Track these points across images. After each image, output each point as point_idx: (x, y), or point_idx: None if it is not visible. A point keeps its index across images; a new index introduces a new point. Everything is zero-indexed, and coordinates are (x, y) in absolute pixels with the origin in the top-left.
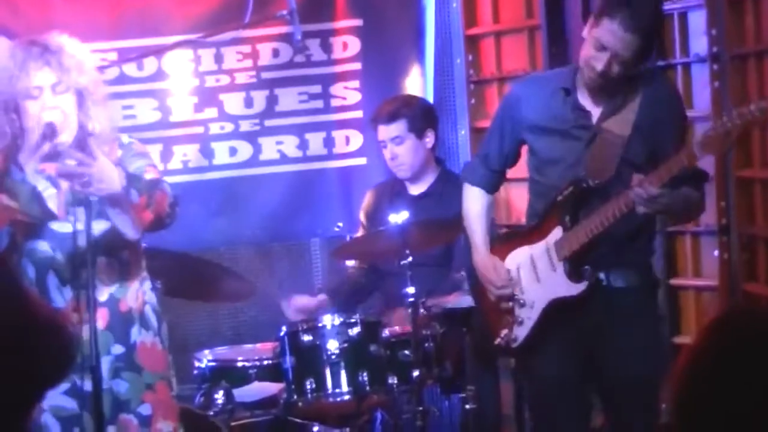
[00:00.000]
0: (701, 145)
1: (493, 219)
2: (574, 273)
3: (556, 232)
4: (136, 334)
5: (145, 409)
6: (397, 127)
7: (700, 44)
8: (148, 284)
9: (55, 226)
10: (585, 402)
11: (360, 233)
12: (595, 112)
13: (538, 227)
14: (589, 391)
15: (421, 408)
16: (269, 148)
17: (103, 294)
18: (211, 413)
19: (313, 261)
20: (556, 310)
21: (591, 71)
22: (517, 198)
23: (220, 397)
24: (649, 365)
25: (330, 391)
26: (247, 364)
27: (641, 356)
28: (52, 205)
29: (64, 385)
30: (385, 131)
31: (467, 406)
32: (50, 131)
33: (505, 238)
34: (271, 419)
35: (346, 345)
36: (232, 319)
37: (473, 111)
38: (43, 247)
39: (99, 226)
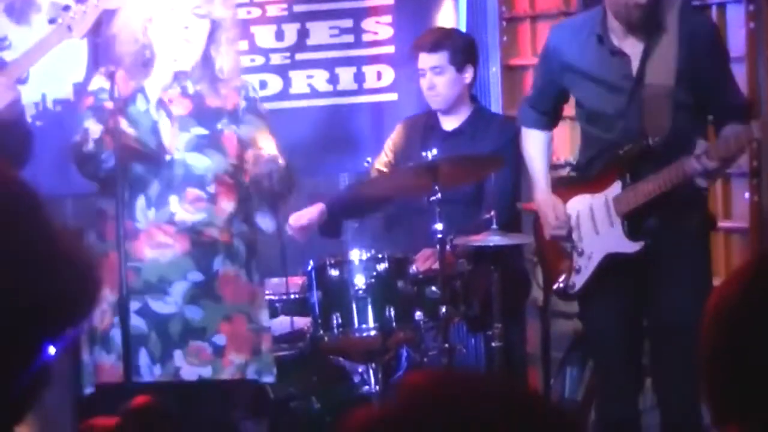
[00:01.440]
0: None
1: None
2: (632, 230)
3: (616, 187)
4: (219, 263)
5: (220, 339)
6: (440, 58)
7: None
8: (241, 217)
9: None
10: (638, 348)
11: (381, 163)
12: (633, 54)
13: (598, 178)
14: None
15: (447, 345)
16: (299, 81)
17: (186, 222)
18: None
19: None
20: (613, 262)
21: (632, 6)
22: (557, 135)
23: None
24: (698, 312)
25: (356, 326)
26: (274, 297)
27: (690, 301)
28: (167, 137)
29: (135, 304)
30: (427, 59)
31: (493, 345)
32: (178, 78)
33: (567, 182)
34: (297, 353)
35: (373, 280)
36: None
37: (505, 48)
38: (138, 169)
39: (194, 159)
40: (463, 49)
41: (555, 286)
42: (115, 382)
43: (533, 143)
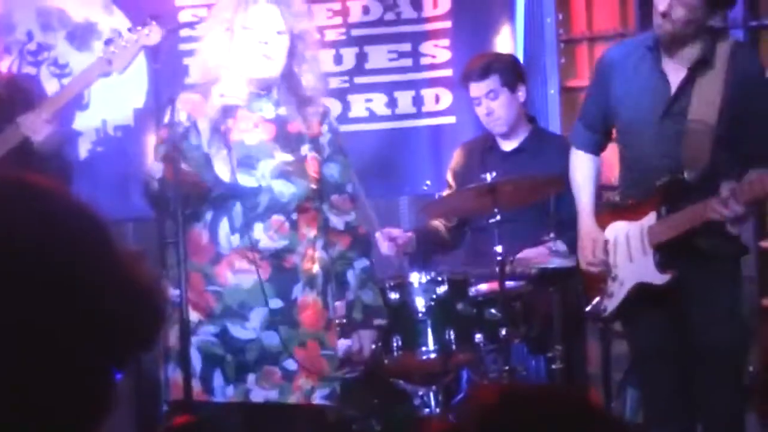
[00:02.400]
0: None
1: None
2: (663, 262)
3: (651, 217)
4: (299, 291)
5: (291, 364)
6: (491, 83)
7: None
8: (320, 244)
9: (239, 178)
10: (681, 365)
11: (446, 193)
12: (675, 78)
13: (636, 206)
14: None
15: (507, 367)
16: (358, 105)
17: (269, 248)
18: None
19: (401, 219)
20: (643, 291)
21: (657, 19)
22: (606, 156)
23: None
24: (728, 333)
25: (416, 348)
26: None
27: (721, 325)
28: (223, 167)
29: (214, 328)
30: (478, 88)
31: (554, 366)
32: (223, 113)
33: (611, 208)
34: (358, 376)
35: (433, 303)
36: None
37: (563, 70)
38: (225, 194)
39: (280, 186)
40: (512, 69)
41: (588, 308)
42: (185, 399)
43: (580, 170)
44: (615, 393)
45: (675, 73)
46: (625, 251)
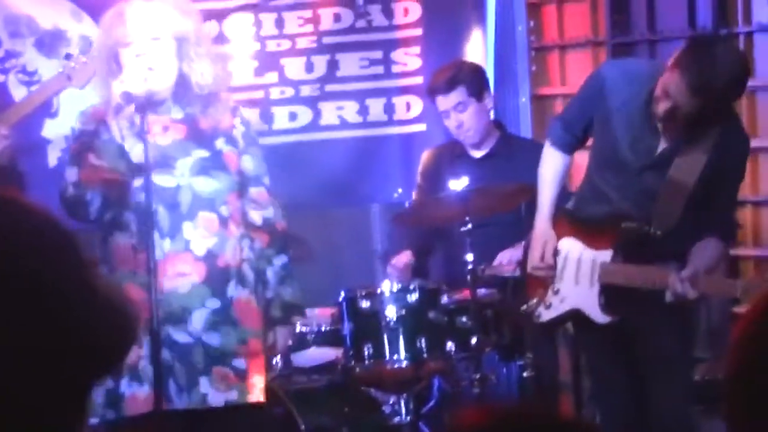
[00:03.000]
0: (743, 292)
1: (566, 185)
2: (607, 305)
3: (606, 255)
4: (233, 289)
5: (240, 363)
6: (458, 95)
7: (763, 13)
8: (246, 242)
9: (158, 180)
10: (632, 374)
11: (416, 195)
12: (667, 136)
13: (596, 233)
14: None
15: (479, 375)
16: (329, 113)
17: (202, 249)
18: (270, 378)
19: (373, 226)
20: (581, 317)
21: (656, 108)
22: (580, 164)
23: (277, 362)
24: (677, 343)
25: (388, 357)
26: (305, 329)
27: (670, 335)
28: (140, 158)
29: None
30: (446, 101)
31: (525, 374)
32: (127, 99)
33: (570, 218)
34: (329, 384)
35: (404, 311)
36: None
37: (534, 78)
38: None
39: (202, 183)
40: (477, 79)
41: (522, 308)
42: (149, 411)
43: (549, 165)
44: (586, 400)
45: (668, 132)
46: (574, 272)
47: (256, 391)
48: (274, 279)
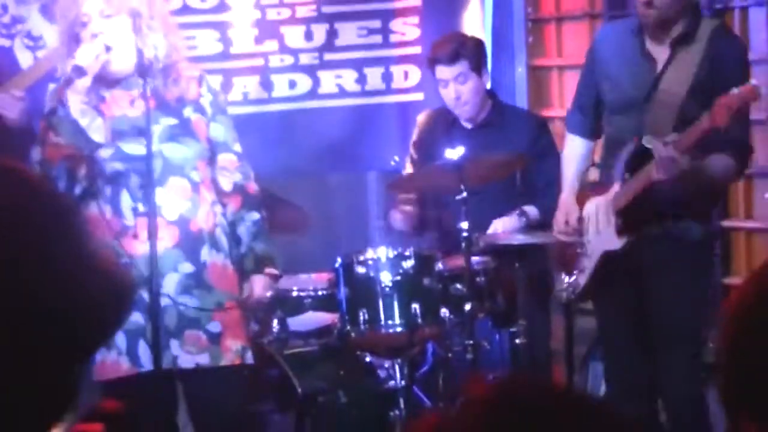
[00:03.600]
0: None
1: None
2: (622, 227)
3: (616, 187)
4: (207, 254)
5: (215, 327)
6: (460, 67)
7: None
8: (219, 207)
9: (128, 148)
10: (646, 342)
11: (409, 162)
12: (660, 60)
13: (607, 179)
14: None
15: (471, 341)
16: (328, 81)
17: (174, 214)
18: (266, 341)
19: (369, 193)
20: (610, 262)
21: (641, 8)
22: None
23: (275, 325)
24: (688, 313)
25: (383, 322)
26: (301, 294)
27: (681, 305)
28: (98, 134)
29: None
30: (448, 71)
31: (518, 341)
32: (77, 72)
33: (589, 187)
34: (324, 348)
35: (399, 278)
36: (288, 249)
37: (531, 49)
38: (117, 167)
39: (171, 149)
40: (479, 54)
41: (564, 286)
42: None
43: (572, 149)
44: (578, 367)
45: (660, 54)
46: (595, 224)
47: (230, 355)
48: (247, 235)
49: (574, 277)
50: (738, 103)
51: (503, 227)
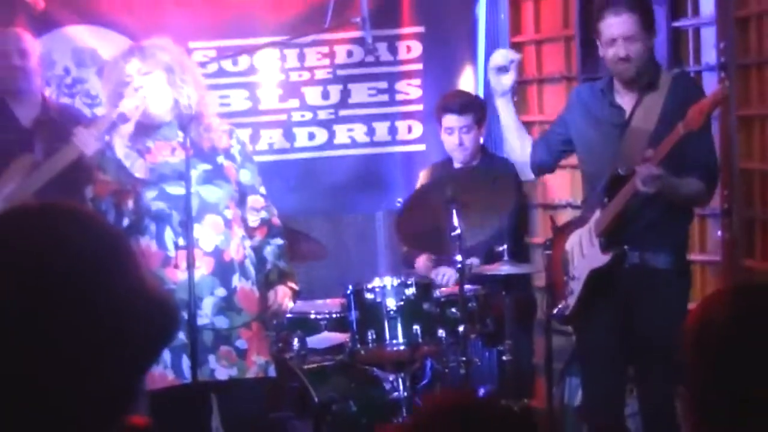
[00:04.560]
0: (684, 122)
1: (552, 217)
2: (606, 246)
3: (597, 213)
4: (237, 280)
5: (242, 344)
6: (467, 119)
7: (710, 55)
8: (247, 242)
9: (170, 189)
10: (621, 363)
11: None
12: (629, 106)
13: (587, 213)
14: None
15: (465, 358)
16: (342, 134)
17: (210, 246)
18: (287, 357)
19: (377, 230)
20: (596, 282)
21: (619, 64)
22: (552, 179)
23: (295, 343)
24: (668, 335)
25: (388, 341)
26: (318, 316)
27: (665, 329)
28: (140, 172)
29: None
30: (457, 120)
31: (504, 358)
32: (122, 119)
33: (563, 229)
34: (338, 363)
35: (402, 302)
36: (306, 277)
37: (515, 107)
38: (161, 206)
39: (207, 191)
40: (483, 110)
41: (554, 311)
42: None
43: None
44: (556, 381)
45: (627, 103)
46: (579, 251)
47: (255, 368)
48: (272, 255)
49: (562, 304)
50: (710, 105)
51: (447, 277)
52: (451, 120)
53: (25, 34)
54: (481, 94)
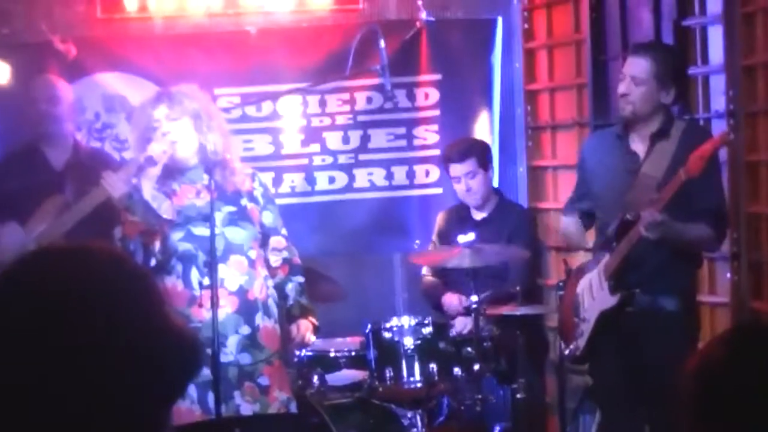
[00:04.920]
0: (685, 169)
1: (566, 259)
2: (614, 289)
3: (606, 257)
4: (260, 319)
5: (264, 380)
6: (469, 165)
7: (719, 102)
8: (270, 282)
9: (195, 230)
10: (635, 403)
11: (431, 247)
12: (641, 151)
13: (598, 257)
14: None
15: (479, 396)
16: (362, 177)
17: (235, 285)
18: (308, 393)
19: (395, 271)
20: (605, 323)
21: (620, 100)
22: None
23: (315, 380)
24: (675, 373)
25: (405, 379)
26: (337, 354)
27: (674, 369)
28: (167, 213)
29: None
30: (459, 168)
31: (518, 396)
32: (149, 162)
33: (577, 271)
34: (357, 400)
35: (419, 341)
36: (326, 316)
37: (530, 152)
38: (187, 247)
39: (231, 232)
40: (485, 153)
41: (566, 352)
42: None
43: (568, 223)
44: (569, 419)
45: (640, 148)
46: (589, 294)
47: (277, 404)
48: (293, 291)
49: (573, 345)
50: (710, 152)
51: (467, 327)
52: (454, 169)
53: (58, 80)
54: (496, 140)
